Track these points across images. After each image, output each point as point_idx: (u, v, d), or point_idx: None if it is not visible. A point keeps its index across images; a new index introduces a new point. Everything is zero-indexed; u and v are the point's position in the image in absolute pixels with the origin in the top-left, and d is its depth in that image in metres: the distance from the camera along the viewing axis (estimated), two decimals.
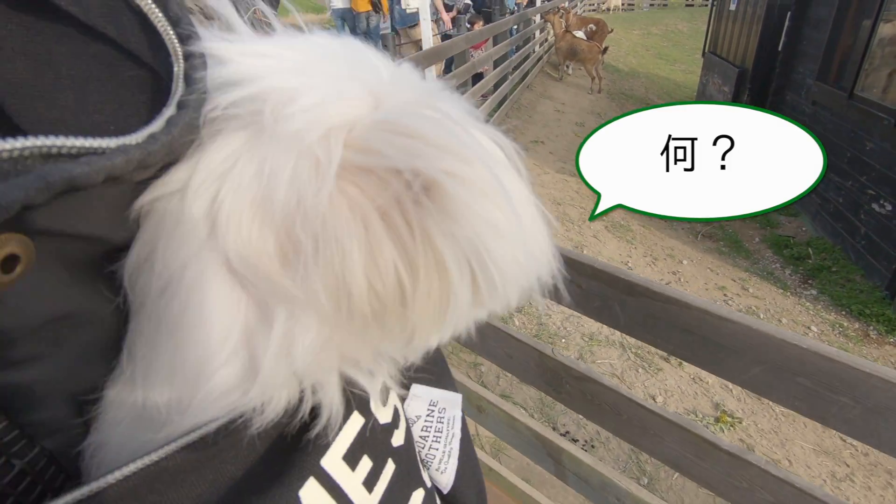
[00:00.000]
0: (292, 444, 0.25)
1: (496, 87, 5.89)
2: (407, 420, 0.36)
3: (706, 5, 14.56)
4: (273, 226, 0.21)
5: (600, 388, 1.00)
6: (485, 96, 5.25)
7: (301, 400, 0.25)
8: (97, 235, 0.21)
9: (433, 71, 3.64)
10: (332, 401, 0.26)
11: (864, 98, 4.41)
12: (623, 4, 22.27)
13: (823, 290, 4.30)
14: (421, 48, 5.25)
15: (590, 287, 0.88)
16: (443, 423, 0.40)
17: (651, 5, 23.19)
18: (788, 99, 5.99)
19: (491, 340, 1.13)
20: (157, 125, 0.20)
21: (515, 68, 6.86)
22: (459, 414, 0.41)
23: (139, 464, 0.21)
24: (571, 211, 4.51)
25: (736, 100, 7.62)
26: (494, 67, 5.91)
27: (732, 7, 8.10)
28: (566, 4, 10.15)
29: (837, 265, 4.56)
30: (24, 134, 0.17)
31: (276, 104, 0.21)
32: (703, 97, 9.39)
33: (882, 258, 4.07)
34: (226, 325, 0.22)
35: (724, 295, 3.98)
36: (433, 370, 0.40)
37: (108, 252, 0.23)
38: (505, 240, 0.22)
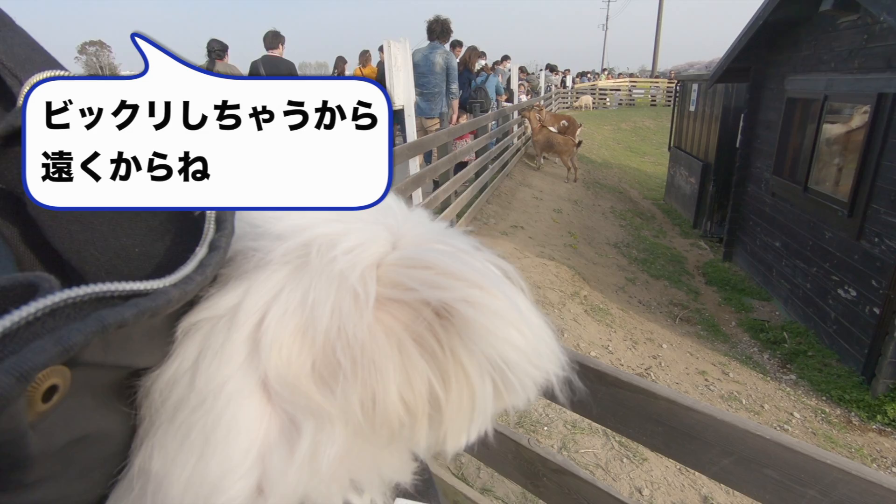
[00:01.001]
0: None
1: (477, 175, 6.20)
2: None
3: (669, 105, 15.92)
4: (313, 349, 0.24)
5: (579, 482, 0.98)
6: (466, 183, 5.50)
7: None
8: (129, 364, 0.23)
9: (417, 161, 3.85)
10: None
11: (818, 191, 4.75)
12: (594, 103, 24.17)
13: (802, 375, 4.33)
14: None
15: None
16: None
17: (619, 104, 25.21)
18: (750, 190, 6.39)
19: None
20: (191, 266, 0.23)
21: (495, 158, 7.26)
22: None
23: None
24: (551, 294, 4.58)
25: (702, 189, 8.11)
26: (476, 158, 6.26)
27: (692, 108, 8.87)
28: (541, 103, 10.99)
29: (813, 349, 4.63)
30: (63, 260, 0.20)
31: (321, 247, 0.26)
32: (671, 187, 9.97)
33: (854, 343, 4.16)
34: (251, 440, 0.24)
35: (706, 380, 3.97)
36: (417, 483, 0.40)
37: (130, 374, 0.24)
38: (519, 350, 0.25)
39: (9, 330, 0.17)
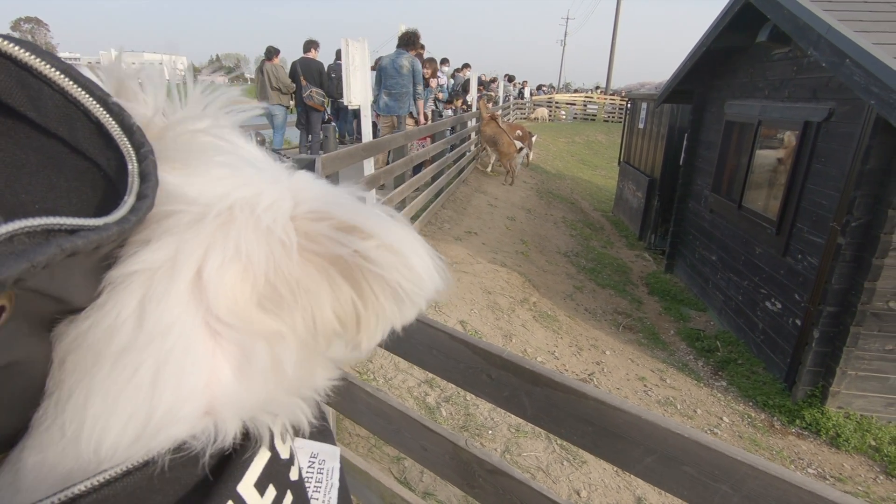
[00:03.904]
0: (214, 471, 0.30)
1: (433, 179, 6.23)
2: (297, 461, 0.41)
3: (620, 121, 16.59)
4: (255, 288, 0.29)
5: (514, 482, 1.00)
6: (419, 189, 5.51)
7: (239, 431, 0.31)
8: (65, 297, 0.25)
9: (372, 162, 3.81)
10: (262, 432, 0.32)
11: (751, 209, 5.07)
12: (550, 115, 24.83)
13: (732, 382, 4.59)
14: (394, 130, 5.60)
15: (499, 377, 0.91)
16: (322, 473, 0.46)
17: (574, 118, 26.02)
18: (691, 206, 6.75)
19: (406, 432, 1.11)
20: (125, 209, 0.25)
21: (452, 164, 7.31)
22: (338, 465, 0.47)
23: (88, 483, 0.25)
24: (501, 300, 4.64)
25: (648, 203, 8.48)
26: (433, 163, 6.28)
27: (641, 126, 9.28)
28: (499, 112, 11.19)
29: (742, 357, 4.92)
30: None
31: (242, 207, 0.30)
32: (620, 200, 10.37)
33: (778, 352, 4.46)
34: (200, 370, 0.29)
35: (645, 385, 4.13)
36: (314, 425, 0.45)
37: (62, 311, 0.27)
38: (410, 275, 0.31)
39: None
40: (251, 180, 0.32)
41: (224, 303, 0.29)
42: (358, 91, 3.63)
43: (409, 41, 6.03)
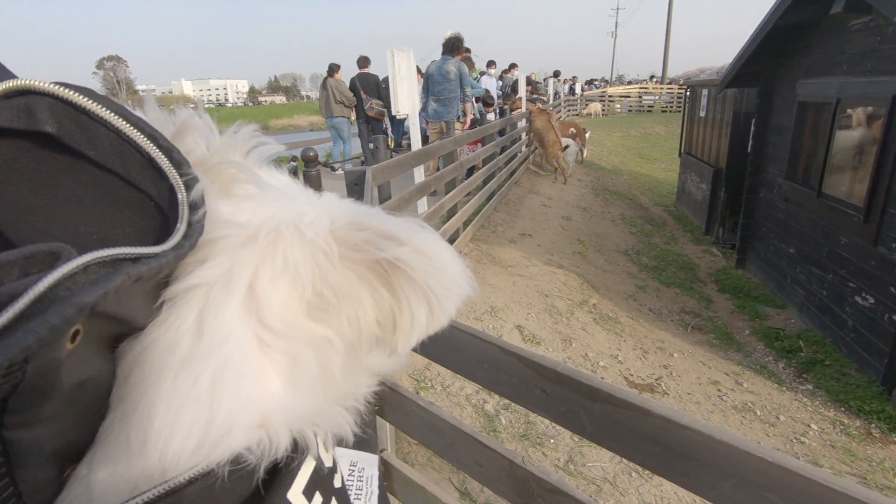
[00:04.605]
0: (265, 480, 0.31)
1: (485, 182, 6.19)
2: (340, 469, 0.43)
3: (679, 111, 15.80)
4: (304, 296, 0.31)
5: (574, 503, 0.94)
6: (470, 194, 5.48)
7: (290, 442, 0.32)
8: (129, 318, 0.27)
9: (422, 169, 3.83)
10: (309, 442, 0.33)
11: (832, 196, 4.64)
12: (604, 110, 24.10)
13: (819, 385, 4.20)
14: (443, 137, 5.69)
15: (554, 392, 0.86)
16: (363, 481, 0.47)
17: (629, 110, 25.10)
18: (762, 195, 6.28)
19: (460, 447, 1.08)
20: (178, 236, 0.28)
21: (503, 166, 7.24)
22: (377, 473, 0.48)
23: (156, 491, 0.26)
24: (559, 303, 4.52)
25: (713, 195, 8.00)
26: (483, 166, 6.25)
27: (702, 114, 8.78)
28: (550, 108, 10.97)
29: (830, 358, 4.50)
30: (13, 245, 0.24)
31: (288, 225, 0.32)
32: (682, 193, 9.86)
33: (874, 351, 4.04)
34: (254, 380, 0.30)
35: (719, 390, 3.87)
36: (356, 434, 0.46)
37: (125, 331, 0.29)
38: (442, 276, 0.33)
39: (61, 278, 0.22)
40: (291, 203, 0.35)
41: (276, 312, 0.31)
42: (405, 100, 3.66)
43: (454, 46, 6.07)
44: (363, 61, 8.29)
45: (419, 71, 8.17)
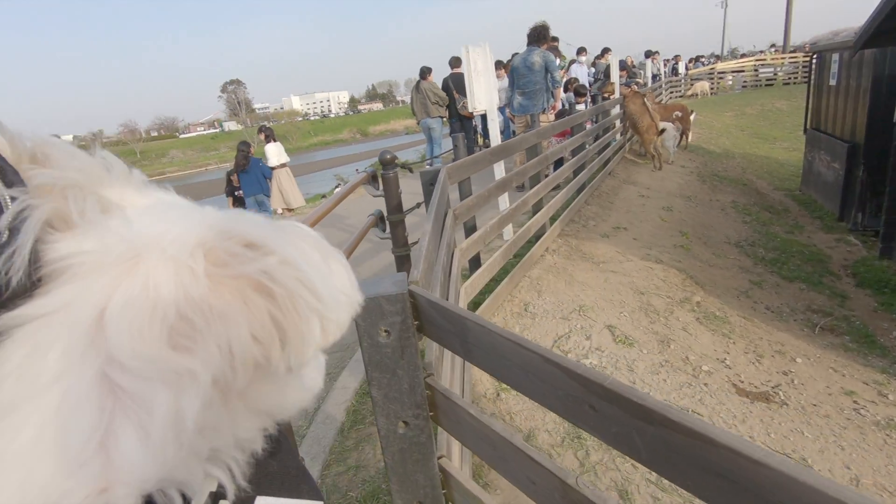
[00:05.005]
0: None
1: (575, 174, 5.92)
2: None
3: (806, 81, 13.91)
4: (165, 321, 0.27)
5: None
6: (558, 187, 5.28)
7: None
8: None
9: (502, 166, 3.75)
10: (197, 497, 0.29)
11: None
12: (712, 88, 21.99)
13: None
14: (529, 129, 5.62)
15: (604, 409, 0.77)
16: None
17: (743, 86, 22.66)
18: None
19: (512, 461, 1.01)
20: None
21: (596, 156, 6.89)
22: None
23: None
24: (656, 301, 4.18)
25: (849, 175, 6.93)
26: (573, 157, 5.99)
27: (832, 82, 7.64)
28: (647, 90, 10.22)
29: None
30: None
31: (149, 245, 0.28)
32: (809, 175, 8.68)
33: None
34: (90, 431, 0.25)
35: (855, 402, 3.33)
36: (284, 478, 0.40)
37: None
38: (309, 289, 0.29)
39: None
40: (158, 222, 0.30)
41: (128, 345, 0.26)
42: (482, 96, 3.61)
43: (539, 36, 5.88)
44: (455, 61, 8.56)
45: (502, 65, 8.08)
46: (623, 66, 11.15)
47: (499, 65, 8.21)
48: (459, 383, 2.21)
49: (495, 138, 3.92)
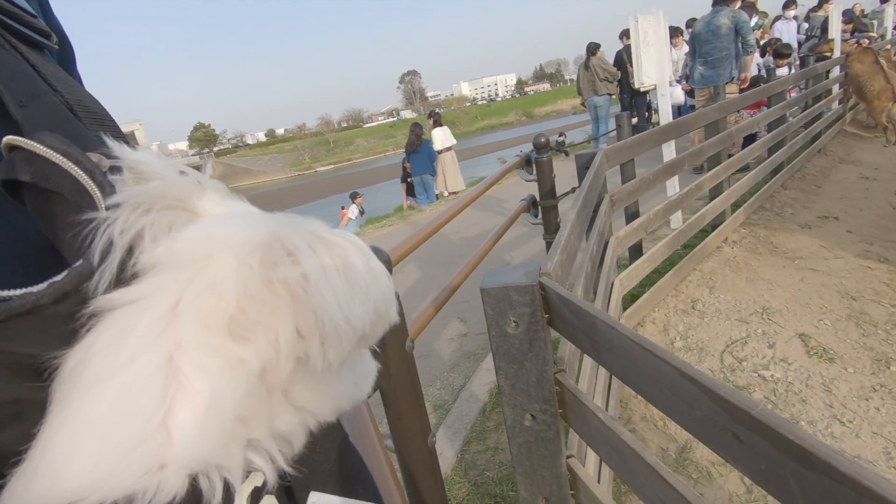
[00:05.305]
0: None
1: (770, 152, 5.05)
2: None
3: None
4: (227, 313, 0.30)
5: None
6: (745, 169, 4.55)
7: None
8: (27, 351, 0.29)
9: (672, 146, 3.36)
10: (215, 488, 0.31)
11: None
12: None
13: None
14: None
15: (752, 443, 0.65)
16: None
17: None
18: None
19: (642, 477, 0.92)
20: (60, 276, 0.29)
21: (803, 129, 5.77)
22: None
23: None
24: (874, 309, 3.37)
25: None
26: (769, 132, 5.10)
27: None
28: (887, 48, 8.11)
29: None
30: None
31: (218, 246, 0.32)
32: None
33: None
34: (155, 409, 0.28)
35: None
36: (339, 478, 0.42)
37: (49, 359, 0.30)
38: (325, 307, 0.31)
39: None
40: (229, 226, 0.33)
41: (194, 333, 0.29)
42: (652, 69, 3.25)
43: None
44: (626, 33, 8.31)
45: (679, 32, 7.19)
46: (849, 16, 9.03)
47: (675, 32, 7.35)
48: (606, 380, 2.09)
49: (665, 115, 3.52)
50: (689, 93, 6.56)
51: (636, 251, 3.50)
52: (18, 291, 0.28)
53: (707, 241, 3.87)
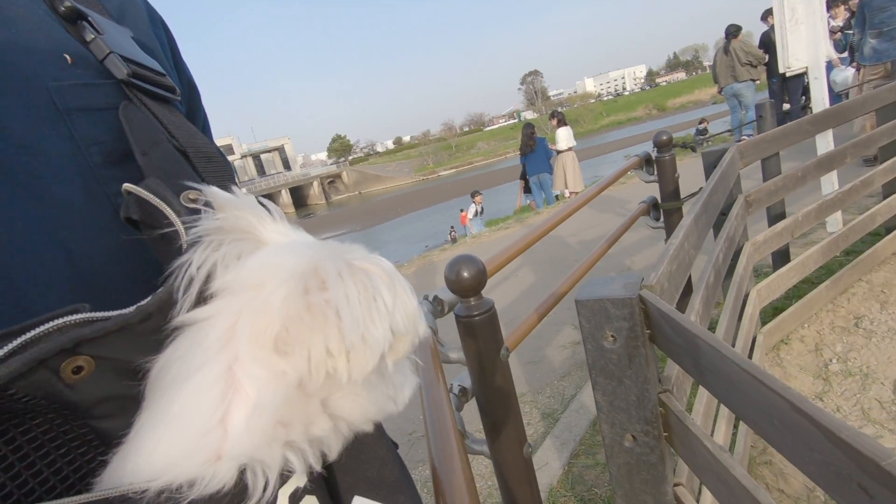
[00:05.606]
0: None
1: None
2: None
3: None
4: (273, 329, 0.35)
5: None
6: None
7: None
8: (129, 359, 0.37)
9: (829, 137, 2.88)
10: (257, 480, 0.34)
11: None
12: None
13: None
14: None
15: (882, 498, 0.54)
16: None
17: None
18: None
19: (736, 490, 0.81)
20: (147, 300, 0.37)
21: None
22: None
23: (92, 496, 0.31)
24: None
25: None
26: None
27: None
28: None
29: None
30: None
31: (270, 275, 0.37)
32: None
33: None
34: (214, 410, 0.34)
35: None
36: (381, 485, 0.44)
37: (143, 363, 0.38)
38: (346, 335, 0.34)
39: (27, 340, 0.32)
40: (282, 256, 0.39)
41: (247, 347, 0.35)
42: (802, 50, 2.81)
43: None
44: (767, 13, 7.56)
45: (839, 2, 6.15)
46: None
47: (833, 2, 6.27)
48: None
49: (819, 102, 3.03)
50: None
51: (782, 257, 3.08)
52: (114, 313, 0.36)
53: (878, 246, 3.26)
